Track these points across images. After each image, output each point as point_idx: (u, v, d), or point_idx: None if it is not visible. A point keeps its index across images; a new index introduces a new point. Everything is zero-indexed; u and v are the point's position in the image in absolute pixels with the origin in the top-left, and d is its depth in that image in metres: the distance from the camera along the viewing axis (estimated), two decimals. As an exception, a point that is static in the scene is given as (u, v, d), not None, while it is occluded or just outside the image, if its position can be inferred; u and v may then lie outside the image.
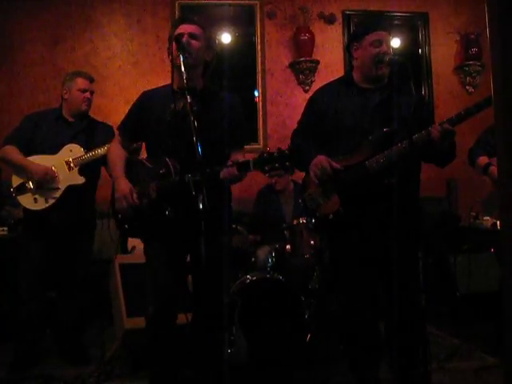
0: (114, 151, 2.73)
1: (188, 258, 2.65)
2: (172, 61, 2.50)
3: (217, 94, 2.66)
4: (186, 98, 2.27)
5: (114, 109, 5.00)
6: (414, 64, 5.28)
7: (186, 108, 2.35)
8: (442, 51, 5.83)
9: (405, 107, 2.54)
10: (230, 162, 2.40)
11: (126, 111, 2.75)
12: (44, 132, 3.48)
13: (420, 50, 5.83)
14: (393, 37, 5.62)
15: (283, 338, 3.41)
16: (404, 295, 2.51)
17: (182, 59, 2.33)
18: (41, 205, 3.37)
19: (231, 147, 2.58)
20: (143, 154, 2.85)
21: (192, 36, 2.48)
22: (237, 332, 3.30)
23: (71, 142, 3.45)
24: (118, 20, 5.45)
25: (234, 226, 4.01)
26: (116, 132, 2.84)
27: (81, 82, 3.52)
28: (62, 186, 3.38)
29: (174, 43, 2.42)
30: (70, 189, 3.38)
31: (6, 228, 4.02)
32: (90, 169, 3.45)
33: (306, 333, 3.43)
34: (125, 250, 4.24)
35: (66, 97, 3.54)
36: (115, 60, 5.42)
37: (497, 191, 3.37)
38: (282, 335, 3.41)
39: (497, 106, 1.20)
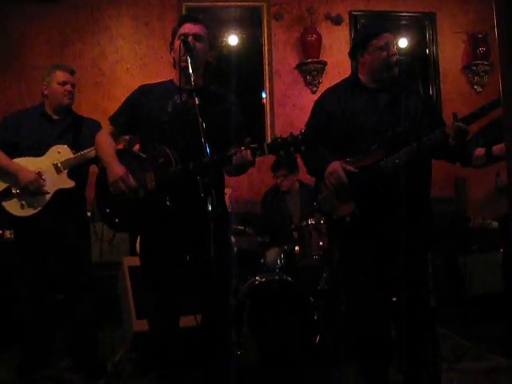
0: (103, 139, 2.65)
1: (188, 257, 2.61)
2: (175, 58, 2.53)
3: (216, 93, 2.66)
4: (193, 97, 2.30)
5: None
6: (421, 64, 5.26)
7: (188, 103, 2.41)
8: (450, 51, 5.80)
9: (413, 107, 2.54)
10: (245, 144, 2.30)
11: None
12: (28, 131, 3.28)
13: (427, 50, 5.80)
14: (400, 37, 5.64)
15: (292, 339, 3.41)
16: (414, 296, 2.50)
17: (189, 61, 2.37)
18: (28, 211, 3.16)
19: (232, 144, 2.50)
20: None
21: (197, 38, 2.51)
22: (246, 333, 3.31)
23: (57, 141, 3.26)
24: (126, 23, 5.47)
25: (242, 227, 4.02)
26: (107, 122, 2.71)
27: (60, 75, 3.33)
28: (51, 191, 3.18)
29: (180, 43, 2.42)
30: (59, 192, 3.19)
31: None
32: (78, 170, 3.27)
33: (315, 334, 3.43)
34: (133, 252, 4.23)
35: (46, 92, 3.35)
36: (123, 63, 5.44)
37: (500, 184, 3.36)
38: (291, 336, 3.41)
39: (506, 105, 1.19)
